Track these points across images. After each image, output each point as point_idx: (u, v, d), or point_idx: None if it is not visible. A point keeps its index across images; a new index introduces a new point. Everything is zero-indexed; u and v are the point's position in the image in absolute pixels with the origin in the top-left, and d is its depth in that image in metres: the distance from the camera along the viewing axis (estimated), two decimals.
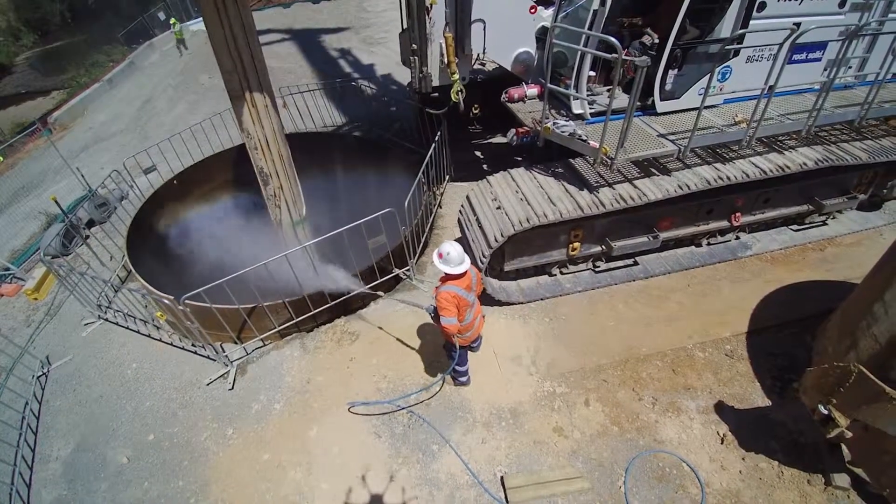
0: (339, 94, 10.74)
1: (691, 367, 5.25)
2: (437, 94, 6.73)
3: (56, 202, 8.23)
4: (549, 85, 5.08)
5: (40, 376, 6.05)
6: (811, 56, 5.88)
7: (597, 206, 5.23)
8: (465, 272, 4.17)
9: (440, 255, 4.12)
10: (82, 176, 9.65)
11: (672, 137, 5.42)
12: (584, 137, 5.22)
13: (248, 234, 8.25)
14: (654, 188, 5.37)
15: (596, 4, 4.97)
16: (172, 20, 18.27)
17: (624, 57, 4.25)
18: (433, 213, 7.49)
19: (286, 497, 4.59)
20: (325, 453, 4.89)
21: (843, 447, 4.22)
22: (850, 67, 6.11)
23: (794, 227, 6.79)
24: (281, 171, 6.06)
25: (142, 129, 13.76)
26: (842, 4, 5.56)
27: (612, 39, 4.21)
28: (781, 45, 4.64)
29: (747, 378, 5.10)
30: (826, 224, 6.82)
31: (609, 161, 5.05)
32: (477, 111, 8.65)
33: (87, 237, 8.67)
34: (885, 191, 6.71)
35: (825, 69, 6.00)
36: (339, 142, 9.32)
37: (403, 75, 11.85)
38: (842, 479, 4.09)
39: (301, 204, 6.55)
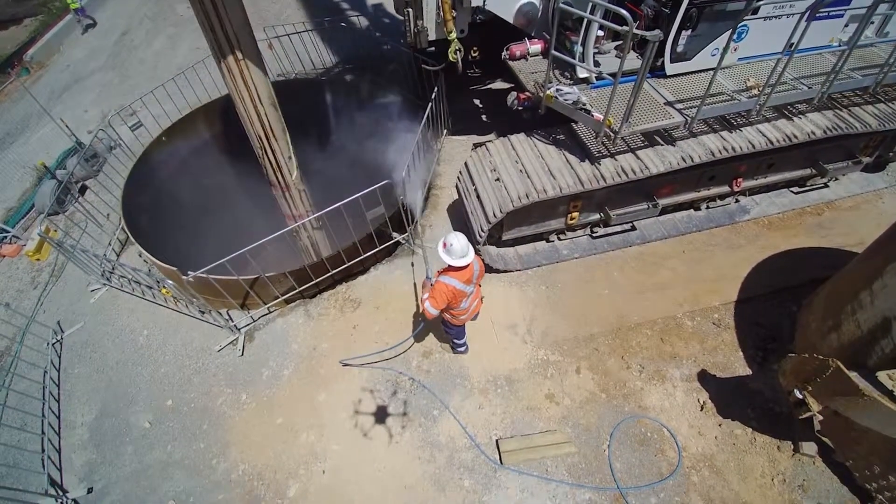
0: (329, 33, 10.00)
1: (679, 335, 5.49)
2: (433, 49, 6.31)
3: (45, 167, 8.01)
4: (553, 52, 4.76)
5: (55, 343, 6.30)
6: (833, 12, 5.45)
7: (597, 179, 5.16)
8: (468, 265, 4.20)
9: (444, 245, 4.11)
10: (67, 127, 9.27)
11: (679, 106, 5.20)
12: (588, 108, 5.01)
13: (243, 193, 8.16)
14: (658, 160, 5.26)
15: None
16: None
17: (635, 31, 3.96)
18: (431, 172, 7.35)
19: (301, 458, 5.02)
20: (334, 417, 5.26)
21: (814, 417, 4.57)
22: (871, 23, 5.69)
23: (796, 189, 6.72)
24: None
25: (121, 66, 13.02)
26: None
27: (624, 12, 3.90)
28: (803, 14, 4.29)
29: (731, 347, 5.36)
30: (827, 186, 6.73)
31: (612, 135, 4.89)
32: (476, 54, 8.13)
33: (83, 192, 8.58)
34: (891, 153, 6.56)
35: (846, 25, 5.61)
36: (329, 89, 8.86)
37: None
38: (809, 448, 4.47)
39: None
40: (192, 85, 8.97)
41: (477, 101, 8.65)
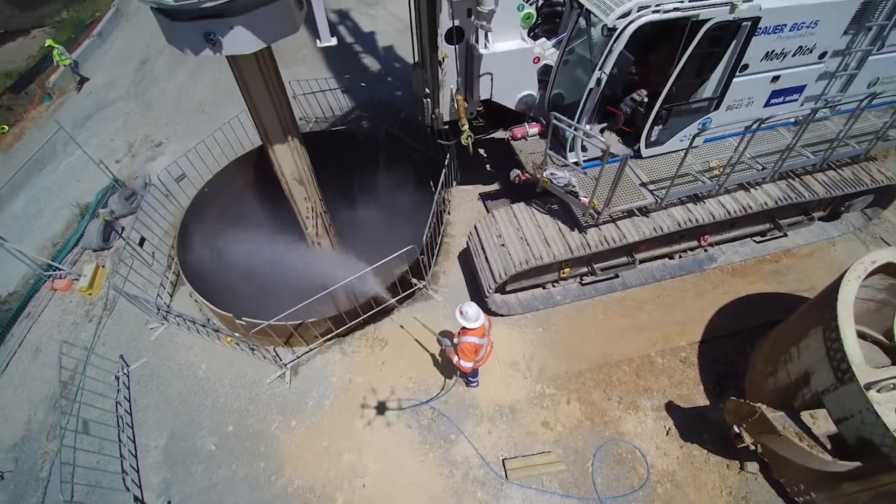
0: (346, 83, 10.95)
1: (651, 371, 6.66)
2: (447, 126, 7.36)
3: (106, 220, 8.96)
4: (549, 151, 5.85)
5: (122, 376, 7.34)
6: (788, 98, 6.50)
7: (584, 247, 6.27)
8: (481, 325, 5.33)
9: (461, 312, 5.25)
10: (107, 168, 10.16)
11: (652, 187, 6.30)
12: (577, 191, 6.09)
13: (281, 242, 9.09)
14: (634, 230, 6.37)
15: (592, 84, 5.57)
16: (48, 41, 14.16)
17: (611, 151, 5.04)
18: (444, 223, 8.41)
19: (345, 474, 6.16)
20: (370, 440, 6.39)
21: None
22: (837, 78, 6.60)
23: (758, 238, 7.82)
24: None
25: (143, 94, 13.83)
26: (822, 56, 6.08)
27: (603, 142, 4.98)
28: (747, 128, 5.39)
29: (694, 382, 6.53)
30: (786, 236, 7.80)
31: (595, 215, 6.00)
32: (480, 107, 9.17)
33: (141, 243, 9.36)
34: (842, 209, 7.67)
35: (802, 104, 6.63)
36: (346, 141, 9.88)
37: (405, 48, 11.77)
38: (752, 466, 5.67)
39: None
40: (224, 130, 9.86)
41: (482, 151, 9.66)
